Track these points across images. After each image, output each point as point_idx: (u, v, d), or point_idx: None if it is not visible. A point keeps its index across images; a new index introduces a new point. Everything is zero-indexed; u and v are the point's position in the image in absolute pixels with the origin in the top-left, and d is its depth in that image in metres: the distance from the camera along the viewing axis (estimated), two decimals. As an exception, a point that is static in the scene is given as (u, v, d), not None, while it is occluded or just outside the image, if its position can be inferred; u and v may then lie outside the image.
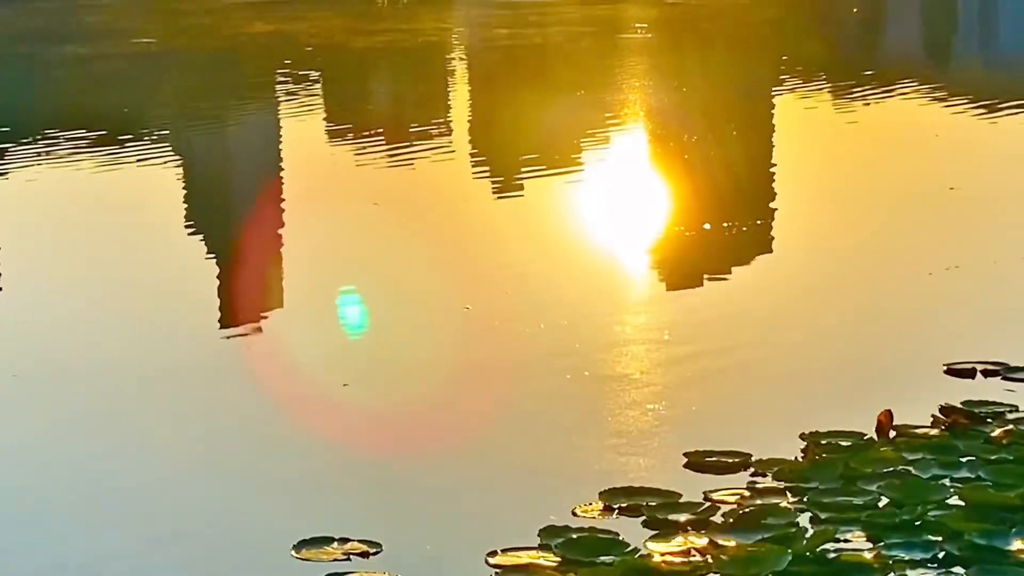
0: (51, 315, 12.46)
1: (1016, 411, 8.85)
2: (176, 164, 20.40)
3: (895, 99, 25.19)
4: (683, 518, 7.50)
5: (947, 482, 7.78)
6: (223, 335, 11.83)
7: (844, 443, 8.37)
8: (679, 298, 12.72)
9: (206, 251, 15.23)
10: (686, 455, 8.35)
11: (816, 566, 6.87)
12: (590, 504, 7.71)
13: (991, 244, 14.15)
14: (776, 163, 19.67)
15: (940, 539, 7.13)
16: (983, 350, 9.99)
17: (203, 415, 9.83)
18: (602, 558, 7.06)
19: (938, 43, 37.35)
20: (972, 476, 7.85)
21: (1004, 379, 9.54)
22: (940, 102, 24.81)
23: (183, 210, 17.37)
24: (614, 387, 9.97)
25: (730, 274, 13.30)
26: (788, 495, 7.75)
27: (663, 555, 7.09)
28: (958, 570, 6.84)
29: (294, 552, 7.24)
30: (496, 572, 7.00)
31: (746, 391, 9.88)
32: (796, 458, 8.24)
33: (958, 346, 10.14)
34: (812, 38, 35.45)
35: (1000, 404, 8.97)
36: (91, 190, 18.31)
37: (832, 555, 6.99)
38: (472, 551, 7.19)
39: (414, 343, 11.28)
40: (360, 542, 7.32)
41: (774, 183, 18.29)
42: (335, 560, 7.18)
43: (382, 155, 20.67)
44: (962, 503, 7.50)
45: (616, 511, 7.66)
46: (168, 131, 22.94)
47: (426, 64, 32.44)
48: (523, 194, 17.44)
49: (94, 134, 21.86)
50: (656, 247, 14.85)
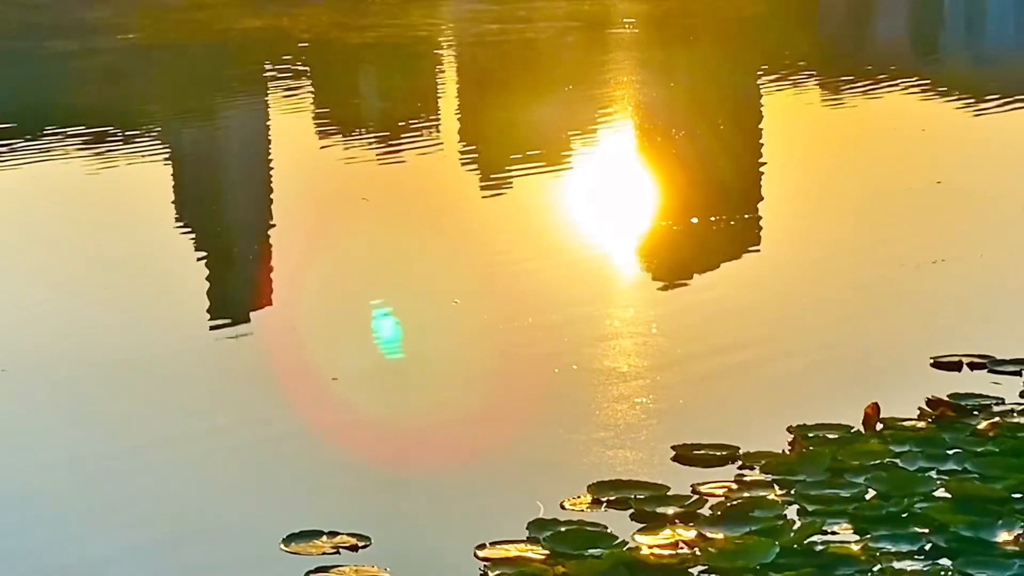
0: (38, 308, 12.45)
1: (1002, 403, 8.87)
2: (165, 159, 20.41)
3: (882, 94, 25.22)
4: (671, 511, 7.50)
5: (934, 474, 7.79)
6: (212, 329, 11.82)
7: (831, 436, 8.37)
8: (667, 292, 12.73)
9: (195, 245, 15.23)
10: (674, 448, 8.35)
11: (803, 558, 6.87)
12: (578, 497, 7.71)
13: (977, 238, 14.17)
14: (764, 158, 19.71)
15: (927, 531, 7.14)
16: (969, 343, 10.00)
17: (192, 409, 9.81)
18: (590, 551, 7.04)
19: (925, 39, 37.46)
20: (958, 468, 7.85)
21: (990, 372, 9.54)
22: (927, 97, 24.89)
23: (172, 205, 17.35)
24: (602, 381, 9.97)
25: (718, 268, 13.31)
26: (776, 488, 7.75)
27: (651, 548, 7.09)
28: (945, 562, 6.84)
29: (283, 546, 7.23)
30: (485, 565, 7.00)
31: (733, 384, 9.89)
32: (783, 451, 8.25)
33: (944, 339, 10.16)
34: (799, 33, 35.53)
35: (986, 397, 8.98)
36: (79, 184, 18.31)
37: (819, 547, 7.00)
38: (461, 544, 7.19)
39: (403, 337, 11.28)
40: (349, 535, 7.31)
41: (762, 178, 18.30)
42: (324, 553, 7.17)
43: (372, 150, 20.69)
44: (948, 495, 7.51)
45: (604, 504, 7.66)
46: (157, 126, 22.94)
47: (416, 59, 32.46)
48: (512, 189, 17.44)
49: (82, 128, 21.86)
50: (644, 241, 14.87)
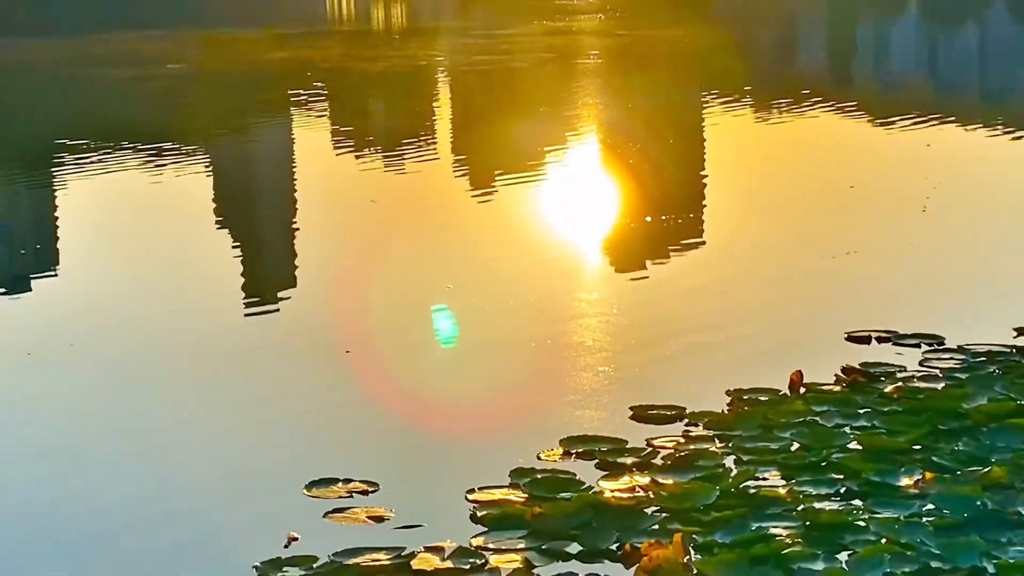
0: (100, 295, 12.43)
1: (904, 371, 8.88)
2: (207, 168, 20.36)
3: (804, 113, 25.25)
4: (629, 461, 7.51)
5: (848, 430, 7.79)
6: (246, 308, 11.79)
7: (763, 398, 8.39)
8: (625, 279, 12.71)
9: (232, 240, 15.20)
10: (631, 408, 8.36)
11: (739, 500, 6.88)
12: (552, 450, 7.72)
13: (884, 232, 14.18)
14: (706, 167, 19.70)
15: (842, 477, 7.16)
16: (877, 321, 10.02)
17: (227, 375, 9.81)
18: (562, 494, 7.06)
19: (840, 67, 37.46)
20: (868, 425, 7.86)
21: (895, 345, 9.56)
22: (841, 115, 24.88)
23: (213, 207, 17.32)
24: (571, 353, 9.96)
25: (668, 259, 13.32)
26: (716, 441, 7.76)
27: (612, 492, 7.10)
28: (856, 502, 6.85)
29: (305, 490, 7.24)
30: (474, 506, 7.01)
31: (681, 355, 9.88)
32: (723, 410, 8.24)
33: (856, 317, 10.16)
34: (736, 63, 35.44)
35: (891, 365, 9.00)
36: (138, 191, 18.22)
37: (752, 491, 7.01)
38: (454, 489, 7.19)
39: (405, 317, 11.27)
40: (361, 482, 7.32)
41: (704, 183, 18.32)
42: (340, 497, 7.17)
43: (378, 160, 20.68)
44: (860, 447, 7.53)
45: (573, 455, 7.67)
46: (201, 140, 22.85)
47: (415, 85, 32.37)
48: (497, 194, 17.42)
49: (140, 144, 21.78)
50: (606, 237, 14.85)
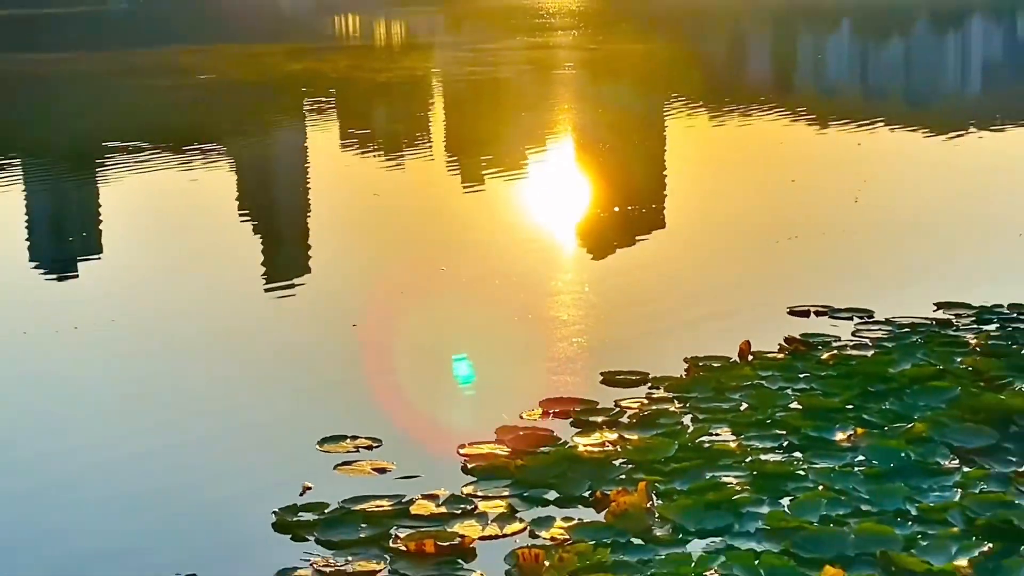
0: (138, 277, 12.42)
1: (839, 340, 8.90)
2: (231, 165, 20.34)
3: (752, 117, 25.31)
4: (600, 419, 7.51)
5: (789, 392, 7.81)
6: (264, 291, 11.78)
7: (716, 365, 8.39)
8: (596, 261, 12.74)
9: (253, 229, 15.19)
10: (601, 374, 8.36)
11: (695, 453, 6.89)
12: (533, 410, 7.72)
13: (821, 220, 14.19)
14: (666, 163, 19.75)
15: (784, 432, 7.17)
16: (815, 297, 10.03)
17: (248, 346, 9.80)
18: (541, 449, 7.07)
19: (783, 76, 37.55)
20: (808, 387, 7.87)
21: (830, 318, 9.57)
22: (784, 118, 24.96)
23: (236, 199, 17.30)
24: (549, 326, 9.95)
25: (634, 244, 13.31)
26: (675, 402, 7.77)
27: (585, 446, 7.10)
28: (797, 454, 6.87)
29: (318, 446, 7.24)
30: (465, 459, 7.00)
31: (645, 327, 9.87)
32: (681, 376, 8.25)
33: (797, 294, 10.17)
34: (692, 74, 35.55)
35: (828, 336, 9.01)
36: (170, 184, 18.19)
37: (707, 445, 7.01)
38: (447, 444, 7.19)
39: (404, 294, 11.25)
40: (366, 438, 7.32)
41: (665, 178, 18.35)
42: (347, 452, 7.17)
43: (381, 158, 20.69)
44: (800, 407, 7.54)
45: (551, 415, 7.67)
46: (225, 141, 22.84)
47: (413, 92, 32.39)
48: (484, 188, 17.42)
49: (171, 144, 21.78)
50: (580, 224, 14.86)
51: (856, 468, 6.61)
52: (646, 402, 7.80)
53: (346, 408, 7.96)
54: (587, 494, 6.50)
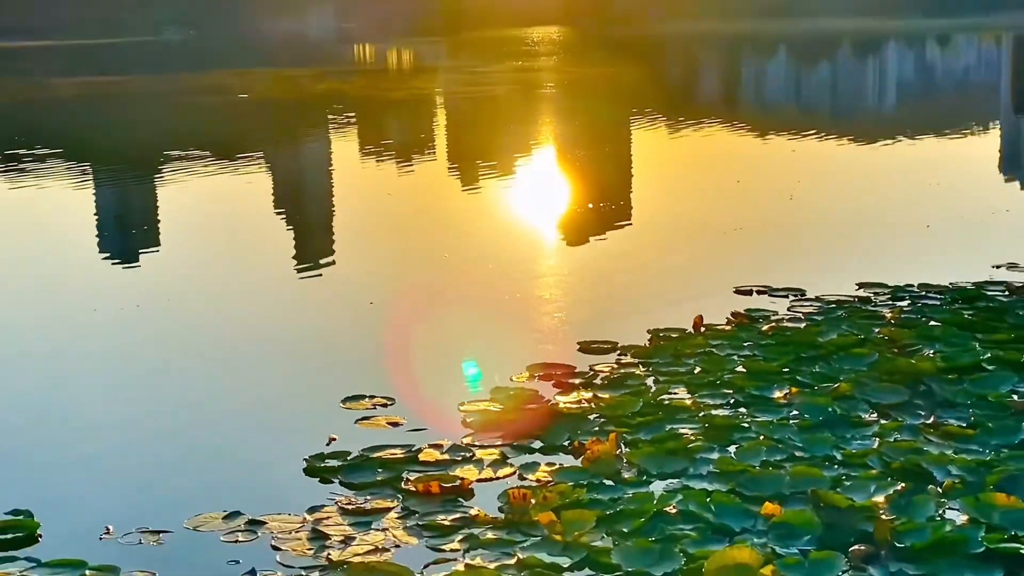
0: (189, 264, 12.41)
1: (776, 315, 8.92)
2: (267, 170, 20.31)
3: (703, 128, 25.28)
4: (577, 381, 7.53)
5: (735, 358, 7.82)
6: (297, 272, 11.75)
7: (674, 335, 8.40)
8: (574, 249, 12.73)
9: (286, 223, 15.20)
10: (578, 343, 8.36)
11: (657, 408, 6.91)
12: (521, 374, 7.73)
13: (762, 214, 14.21)
14: (632, 166, 19.75)
15: (731, 391, 7.19)
16: (757, 278, 10.02)
17: (282, 320, 9.77)
18: (529, 406, 7.08)
19: (729, 94, 37.56)
20: (751, 354, 7.89)
21: (769, 296, 9.58)
22: (730, 129, 24.98)
23: (272, 199, 17.27)
24: (533, 304, 9.95)
25: (605, 235, 13.30)
26: (640, 367, 7.78)
27: (565, 403, 7.11)
28: (742, 410, 6.88)
29: (341, 404, 7.24)
30: (464, 415, 7.01)
31: (615, 304, 9.88)
32: (645, 344, 8.26)
33: (742, 276, 10.16)
34: (653, 91, 35.53)
35: (767, 311, 9.03)
36: (216, 185, 18.15)
37: (667, 402, 7.03)
38: (450, 402, 7.20)
39: (414, 277, 11.26)
40: (382, 398, 7.33)
41: (632, 179, 18.36)
42: (366, 409, 7.18)
43: (392, 163, 20.65)
44: (744, 370, 7.55)
45: (537, 378, 7.67)
46: (261, 150, 22.80)
47: (420, 108, 32.30)
48: (480, 189, 17.41)
49: (211, 153, 21.73)
50: (560, 219, 14.86)
51: (791, 421, 6.64)
52: (616, 367, 7.82)
53: (365, 372, 7.95)
54: (567, 443, 6.51)
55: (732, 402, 7.02)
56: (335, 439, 6.64)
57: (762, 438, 6.36)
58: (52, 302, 10.70)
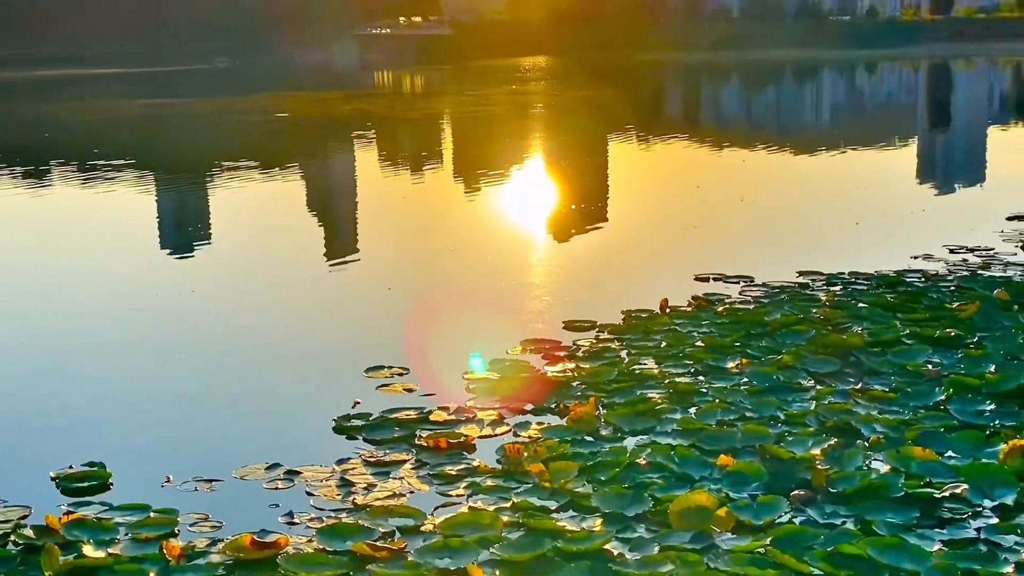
0: (236, 256, 12.41)
1: (730, 298, 8.91)
2: (301, 178, 20.29)
3: (668, 142, 25.30)
4: (563, 354, 7.51)
5: (695, 334, 7.82)
6: (328, 263, 11.75)
7: (644, 315, 8.39)
8: (559, 244, 12.72)
9: (318, 222, 15.18)
10: (564, 322, 8.35)
11: (629, 376, 6.90)
12: (515, 348, 7.71)
13: (717, 214, 14.22)
14: (609, 173, 19.75)
15: (692, 362, 7.18)
16: (713, 267, 10.02)
17: (313, 302, 9.76)
18: (521, 375, 7.07)
19: (691, 113, 37.54)
20: (708, 331, 7.88)
21: (724, 282, 9.57)
22: (691, 143, 24.97)
23: (305, 203, 17.25)
24: (526, 289, 9.93)
25: (585, 231, 13.32)
26: (616, 342, 7.77)
27: (552, 373, 7.10)
28: (701, 378, 6.87)
29: (364, 374, 7.22)
30: (468, 382, 7.00)
31: (593, 290, 9.85)
32: (620, 323, 8.25)
33: (700, 265, 10.15)
34: (627, 111, 35.51)
35: (722, 295, 9.03)
36: (257, 190, 18.14)
37: (638, 371, 7.02)
38: (454, 372, 7.18)
39: (424, 267, 11.25)
40: (399, 368, 7.30)
41: (608, 185, 18.35)
42: (385, 378, 7.15)
43: (407, 172, 20.64)
44: (703, 344, 7.55)
45: (528, 351, 7.64)
46: (297, 161, 22.76)
47: (430, 125, 32.28)
48: (480, 193, 17.42)
49: (256, 164, 21.69)
50: (548, 218, 14.84)
51: (742, 387, 6.64)
52: (595, 342, 7.81)
53: (384, 347, 7.93)
54: (554, 406, 6.51)
55: (692, 371, 7.01)
56: (359, 403, 6.62)
57: (717, 401, 6.36)
58: (121, 287, 10.68)
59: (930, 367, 6.83)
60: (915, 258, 10.31)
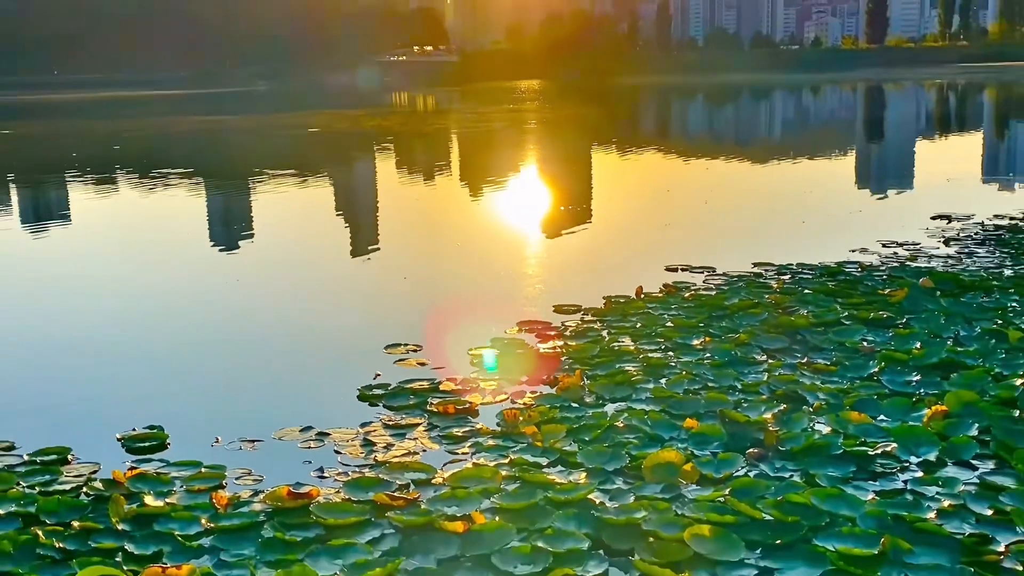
0: (274, 249, 12.36)
1: (695, 286, 8.89)
2: (330, 184, 20.22)
3: (643, 152, 25.21)
4: (553, 333, 7.49)
5: (666, 316, 7.80)
6: (352, 258, 11.73)
7: (622, 300, 8.37)
8: (550, 240, 12.63)
9: (344, 221, 15.12)
10: (554, 306, 8.33)
11: (610, 353, 6.89)
12: (513, 328, 7.69)
13: (685, 214, 14.21)
14: (593, 179, 19.69)
15: (663, 340, 7.17)
16: (681, 259, 10.01)
17: (338, 290, 9.73)
18: (518, 351, 7.06)
19: (662, 127, 37.40)
20: (677, 313, 7.87)
21: (690, 272, 9.55)
22: (662, 153, 24.88)
23: (334, 205, 17.20)
24: (521, 278, 9.89)
25: (572, 229, 13.27)
26: (598, 323, 7.76)
27: (544, 349, 7.09)
28: (671, 353, 6.85)
29: (384, 350, 7.20)
30: (472, 357, 6.97)
31: (579, 278, 9.76)
32: (601, 307, 8.23)
33: (670, 258, 10.14)
34: (609, 126, 35.39)
35: (688, 283, 9.01)
36: (292, 195, 18.09)
37: (616, 347, 7.02)
38: (460, 347, 7.15)
39: (434, 260, 11.21)
40: (413, 345, 7.29)
41: (592, 189, 18.29)
42: (402, 353, 7.13)
43: (421, 179, 20.56)
44: (672, 324, 7.54)
45: (523, 331, 7.62)
46: (326, 169, 22.70)
47: (440, 138, 32.15)
48: (483, 197, 17.36)
49: (293, 172, 21.64)
50: (542, 218, 14.78)
51: (705, 361, 6.62)
52: (580, 323, 7.79)
53: (400, 327, 7.92)
54: (545, 377, 6.49)
55: (663, 348, 7.01)
56: (379, 375, 6.61)
57: (684, 373, 6.35)
58: (176, 275, 10.66)
59: (865, 344, 6.83)
60: (853, 251, 10.29)
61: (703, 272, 9.49)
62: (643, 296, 8.47)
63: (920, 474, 4.76)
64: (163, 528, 4.45)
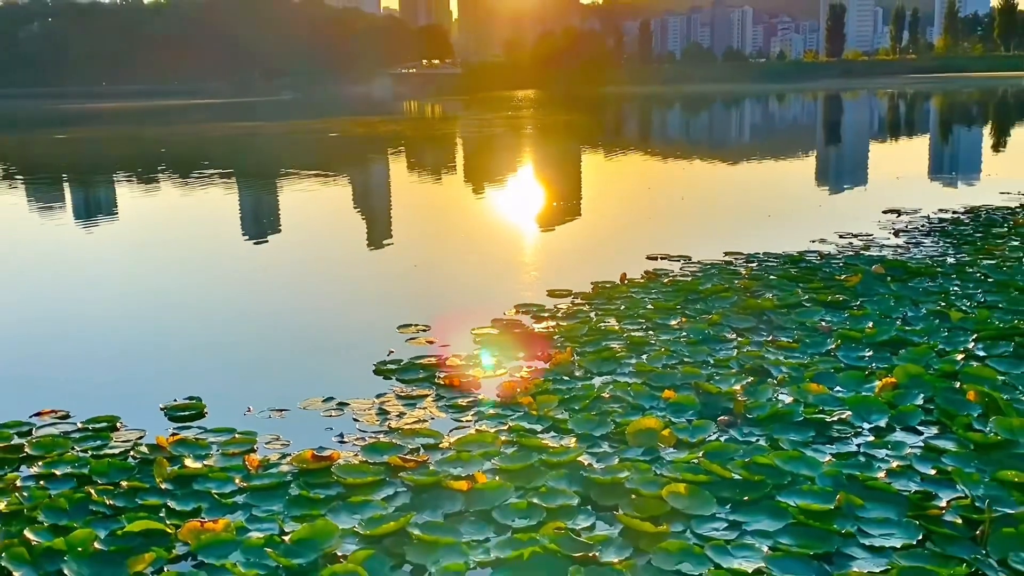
0: (297, 242, 12.32)
1: (673, 272, 8.86)
2: (347, 183, 20.14)
3: (627, 155, 25.10)
4: (546, 315, 7.47)
5: (647, 300, 7.78)
6: (367, 247, 11.68)
7: (608, 285, 8.36)
8: (544, 232, 12.60)
9: (361, 216, 15.05)
10: (547, 291, 8.31)
11: (597, 331, 6.87)
12: (511, 310, 7.68)
13: (663, 209, 14.14)
14: (583, 178, 19.61)
15: (644, 320, 7.15)
16: (661, 249, 9.98)
17: (355, 276, 9.70)
18: (515, 330, 7.03)
19: (644, 132, 37.25)
20: (657, 297, 7.86)
21: (669, 260, 9.53)
22: (644, 156, 24.78)
23: (352, 202, 17.14)
24: (518, 266, 9.86)
25: (564, 222, 13.22)
26: (586, 305, 7.74)
27: (539, 329, 7.07)
28: (651, 332, 6.84)
29: (396, 329, 7.19)
30: (475, 336, 6.95)
31: (570, 266, 9.72)
32: (589, 291, 8.22)
33: (651, 247, 10.10)
34: (597, 131, 35.24)
35: (667, 270, 8.98)
36: (314, 193, 17.99)
37: (603, 327, 7.00)
38: (464, 328, 7.13)
39: (441, 250, 11.17)
40: (423, 325, 7.27)
41: (581, 187, 18.22)
42: (413, 332, 7.11)
43: (429, 178, 20.49)
44: (652, 307, 7.53)
45: (520, 312, 7.60)
46: (345, 170, 22.60)
47: (446, 142, 32.02)
48: (485, 194, 17.30)
49: (315, 172, 21.54)
50: (536, 213, 14.71)
51: (682, 339, 6.62)
52: (571, 305, 7.77)
53: (411, 308, 7.90)
54: (539, 354, 6.48)
55: (645, 327, 7.00)
56: (393, 352, 6.60)
57: (663, 350, 6.34)
58: (211, 263, 10.63)
59: (823, 324, 6.82)
60: (813, 242, 10.28)
61: (680, 260, 9.47)
62: (627, 282, 8.46)
63: (872, 438, 4.76)
64: (201, 487, 4.46)
